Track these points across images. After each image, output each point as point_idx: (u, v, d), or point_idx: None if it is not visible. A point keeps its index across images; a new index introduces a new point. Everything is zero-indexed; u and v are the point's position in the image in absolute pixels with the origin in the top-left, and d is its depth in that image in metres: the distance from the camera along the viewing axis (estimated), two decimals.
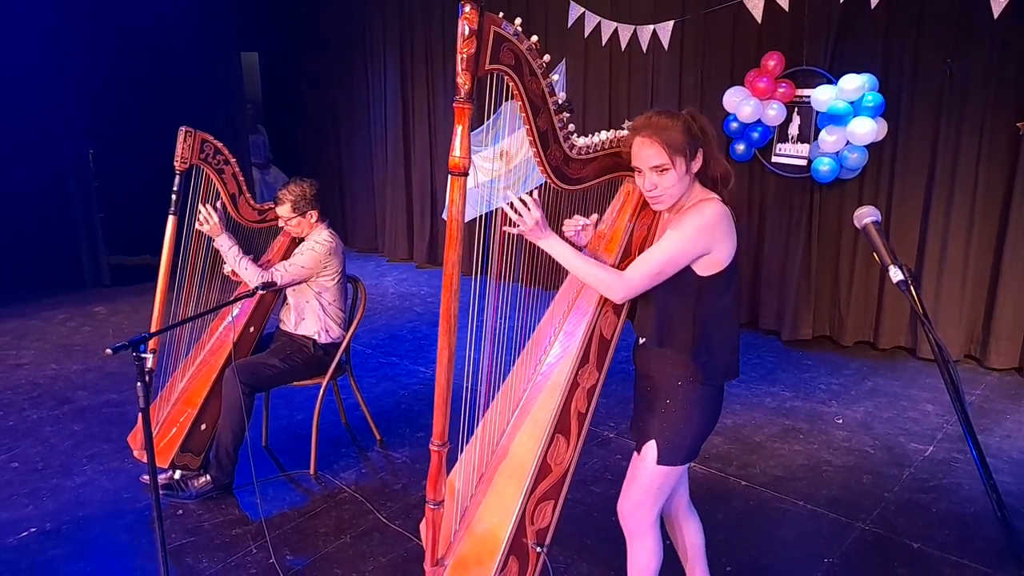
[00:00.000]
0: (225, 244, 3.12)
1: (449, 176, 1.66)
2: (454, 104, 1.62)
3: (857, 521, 2.96)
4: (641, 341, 2.00)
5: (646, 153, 1.84)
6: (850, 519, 2.97)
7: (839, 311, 4.91)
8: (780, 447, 3.59)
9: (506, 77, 1.71)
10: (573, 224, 2.12)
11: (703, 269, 1.84)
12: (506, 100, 1.82)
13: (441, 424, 1.81)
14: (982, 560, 2.70)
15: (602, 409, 3.95)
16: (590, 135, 1.96)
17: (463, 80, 1.59)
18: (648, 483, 1.98)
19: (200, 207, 3.08)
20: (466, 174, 1.66)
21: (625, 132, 1.96)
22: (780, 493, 3.18)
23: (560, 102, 1.84)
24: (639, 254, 2.03)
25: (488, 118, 5.71)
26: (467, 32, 1.58)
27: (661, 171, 1.83)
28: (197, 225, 3.10)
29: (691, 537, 2.24)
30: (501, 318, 2.07)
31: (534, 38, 1.73)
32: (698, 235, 1.80)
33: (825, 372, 4.51)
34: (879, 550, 2.79)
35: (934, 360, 4.45)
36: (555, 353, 2.08)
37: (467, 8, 1.56)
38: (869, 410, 3.98)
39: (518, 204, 1.87)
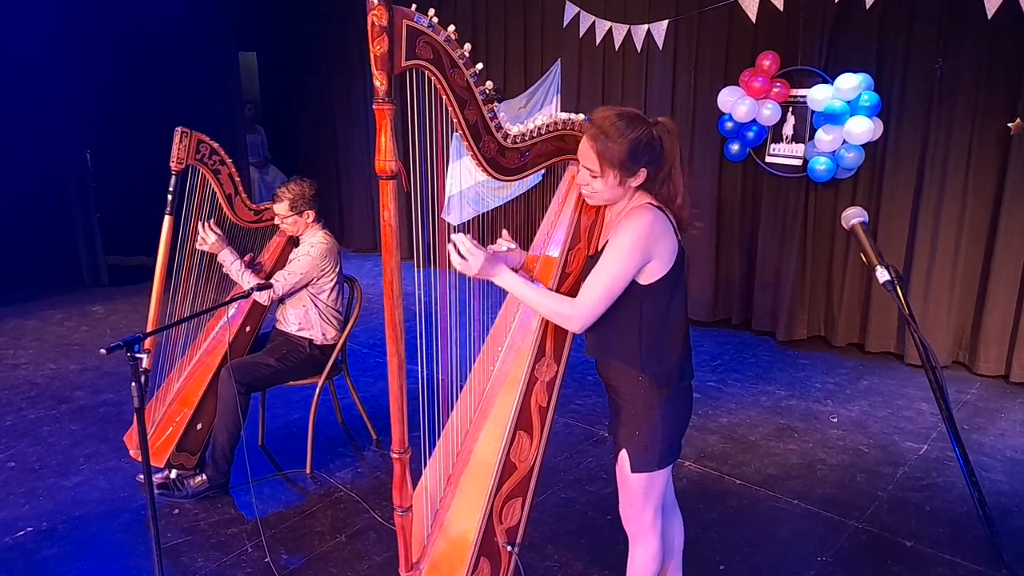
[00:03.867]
0: (228, 259, 3.13)
1: (379, 180, 1.60)
2: (374, 107, 1.55)
3: (851, 520, 2.97)
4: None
5: (583, 150, 1.82)
6: (844, 518, 2.99)
7: (832, 312, 4.92)
8: (775, 446, 3.60)
9: (427, 72, 1.65)
10: (499, 245, 2.09)
11: (644, 278, 1.81)
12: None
13: (400, 430, 1.79)
14: (975, 558, 2.71)
15: (598, 408, 3.97)
16: (526, 121, 1.91)
17: (380, 81, 1.52)
18: (633, 490, 1.97)
19: (199, 227, 3.09)
20: (394, 178, 1.60)
21: (563, 115, 1.93)
22: (774, 492, 3.19)
23: (487, 91, 1.78)
24: (587, 239, 1.99)
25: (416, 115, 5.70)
26: (377, 29, 1.49)
27: (591, 174, 1.82)
28: (197, 245, 3.10)
29: (669, 537, 2.21)
30: (467, 315, 2.06)
31: (451, 28, 1.65)
32: (634, 248, 1.76)
33: (820, 371, 4.52)
34: (873, 549, 2.80)
35: (921, 366, 4.48)
36: (511, 349, 2.05)
37: (374, 2, 1.47)
38: (864, 409, 4.00)
39: (462, 249, 1.85)
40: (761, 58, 4.63)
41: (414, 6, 1.58)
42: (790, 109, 4.68)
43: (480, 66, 1.75)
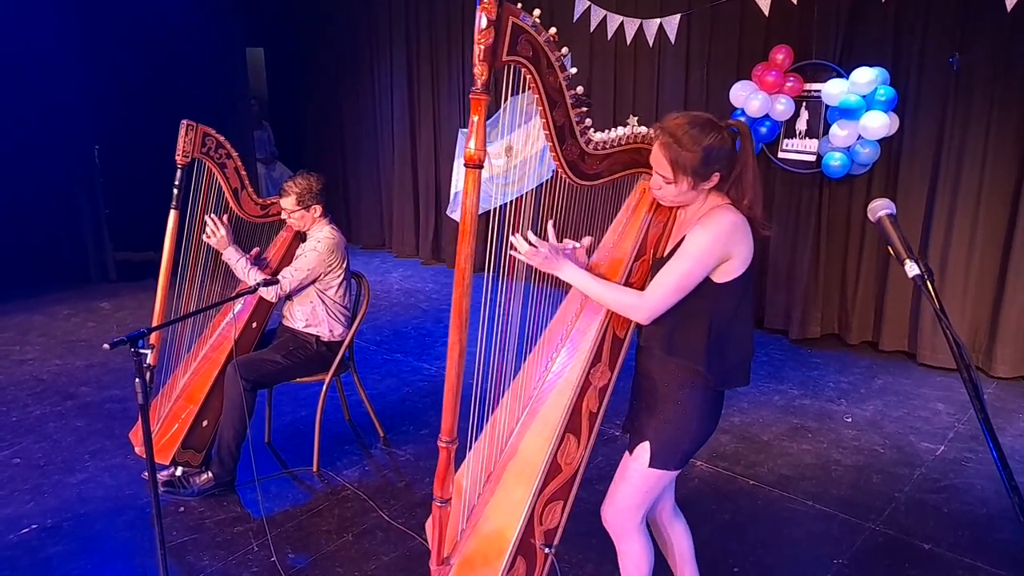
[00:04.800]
0: (233, 257, 3.09)
1: (464, 169, 1.63)
2: (471, 96, 1.59)
3: (867, 522, 2.92)
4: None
5: (656, 157, 1.82)
6: (860, 520, 2.93)
7: (847, 309, 4.85)
8: (788, 446, 3.54)
9: (523, 69, 1.68)
10: (562, 248, 2.05)
11: (719, 276, 1.81)
12: (515, 94, 1.77)
13: (450, 420, 1.78)
14: (996, 562, 2.65)
15: (609, 407, 3.91)
16: (607, 131, 1.93)
17: (480, 71, 1.57)
18: (637, 485, 1.95)
19: (207, 219, 3.06)
20: (481, 167, 1.63)
21: (642, 129, 1.94)
22: (788, 493, 3.13)
23: (578, 96, 1.81)
24: (652, 252, 2.00)
25: (500, 111, 5.67)
26: (485, 23, 1.55)
27: (665, 180, 1.82)
28: (204, 238, 3.07)
29: (679, 542, 2.19)
30: (511, 315, 2.03)
31: (552, 30, 1.70)
32: (712, 247, 1.77)
33: (833, 370, 4.46)
34: (890, 551, 2.74)
35: (935, 367, 4.41)
36: (567, 352, 2.05)
37: None
38: (879, 408, 3.93)
39: (531, 238, 1.86)
40: (774, 52, 4.56)
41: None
42: (804, 104, 4.61)
43: (575, 70, 1.77)
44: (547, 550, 1.90)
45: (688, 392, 1.87)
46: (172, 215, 2.99)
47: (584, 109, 1.83)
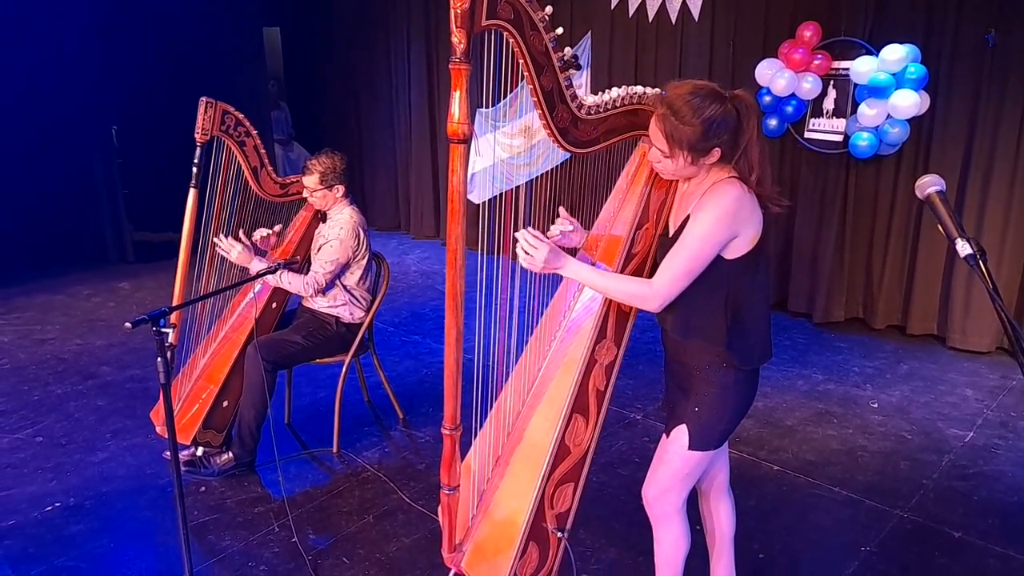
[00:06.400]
0: (262, 268, 3.03)
1: (449, 144, 1.54)
2: (450, 66, 1.49)
3: (895, 508, 2.86)
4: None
5: (652, 130, 1.75)
6: (887, 506, 2.88)
7: (872, 293, 4.76)
8: (813, 431, 3.48)
9: (505, 34, 1.58)
10: (560, 227, 1.98)
11: (730, 252, 1.74)
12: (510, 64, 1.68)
13: (452, 407, 1.73)
14: None
15: (629, 390, 3.87)
16: (600, 92, 1.83)
17: (458, 38, 1.46)
18: (677, 468, 1.91)
19: (214, 240, 2.96)
20: (466, 141, 1.54)
21: (638, 88, 1.85)
22: (814, 478, 3.08)
23: (565, 58, 1.69)
24: (656, 219, 1.93)
25: (491, 83, 5.57)
26: None
27: (662, 154, 1.75)
28: (220, 252, 2.98)
29: (722, 521, 2.15)
30: (522, 296, 1.98)
31: None
32: (719, 224, 1.69)
33: (858, 355, 4.38)
34: (918, 539, 2.69)
35: (963, 351, 4.33)
36: (570, 329, 1.99)
37: None
38: (905, 394, 3.86)
39: (525, 244, 1.77)
40: (802, 29, 4.45)
41: None
42: (831, 82, 4.50)
43: (560, 30, 1.66)
44: (560, 534, 1.86)
45: (721, 373, 1.82)
46: (191, 194, 2.97)
47: (574, 72, 1.72)
